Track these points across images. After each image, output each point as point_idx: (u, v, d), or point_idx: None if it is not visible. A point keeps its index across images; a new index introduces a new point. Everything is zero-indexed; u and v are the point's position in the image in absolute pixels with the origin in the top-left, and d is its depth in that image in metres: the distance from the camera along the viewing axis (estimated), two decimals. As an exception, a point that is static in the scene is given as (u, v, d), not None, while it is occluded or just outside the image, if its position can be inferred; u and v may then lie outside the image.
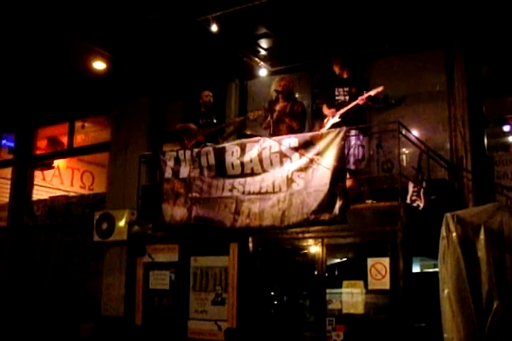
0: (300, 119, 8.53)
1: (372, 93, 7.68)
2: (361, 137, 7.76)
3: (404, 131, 7.54)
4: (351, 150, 7.67)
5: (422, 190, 7.37)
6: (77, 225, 11.86)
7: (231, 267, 8.10)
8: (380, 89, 7.65)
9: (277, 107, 8.53)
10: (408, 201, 7.25)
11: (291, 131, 8.23)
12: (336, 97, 8.16)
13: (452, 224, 6.66)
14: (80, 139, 13.00)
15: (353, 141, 7.70)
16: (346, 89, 8.12)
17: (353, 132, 7.63)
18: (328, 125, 7.97)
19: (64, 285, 11.66)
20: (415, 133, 8.21)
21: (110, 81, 10.76)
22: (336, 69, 8.32)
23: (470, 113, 8.18)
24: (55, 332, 10.94)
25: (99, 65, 10.02)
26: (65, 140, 13.19)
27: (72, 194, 13.38)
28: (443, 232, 6.67)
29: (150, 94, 11.39)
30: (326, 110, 8.22)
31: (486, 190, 7.97)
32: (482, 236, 6.67)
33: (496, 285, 6.51)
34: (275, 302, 8.26)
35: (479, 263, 6.59)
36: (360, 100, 7.70)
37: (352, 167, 7.69)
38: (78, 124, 12.98)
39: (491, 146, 8.48)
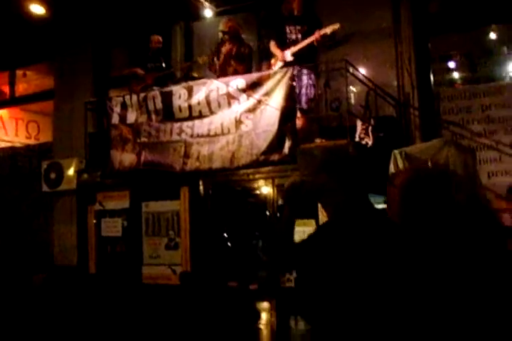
0: (246, 62, 8.40)
1: (328, 30, 7.48)
2: (312, 76, 7.67)
3: (351, 69, 7.50)
4: (303, 90, 7.58)
5: (370, 128, 7.41)
6: (24, 176, 11.63)
7: (183, 211, 8.10)
8: (336, 26, 7.45)
9: (223, 50, 8.37)
10: (357, 139, 7.28)
11: (237, 74, 8.11)
12: (288, 35, 7.97)
13: (400, 160, 6.73)
14: (22, 88, 12.61)
15: (304, 80, 7.61)
16: (298, 27, 7.91)
17: (304, 71, 7.55)
18: (279, 64, 7.84)
19: (15, 237, 11.51)
20: (362, 71, 8.19)
21: (51, 27, 10.37)
22: (288, 5, 8.04)
23: (416, 50, 8.17)
24: (7, 283, 10.84)
25: (37, 9, 9.64)
26: (6, 89, 12.78)
27: (17, 145, 13.05)
28: (391, 168, 6.74)
29: (93, 39, 11.04)
30: (274, 48, 8.02)
31: (433, 126, 8.07)
32: (429, 171, 6.77)
33: (442, 218, 6.65)
34: (228, 244, 8.31)
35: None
36: (315, 37, 7.53)
37: (304, 106, 7.62)
38: (19, 72, 12.57)
39: (437, 82, 8.54)
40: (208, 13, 9.60)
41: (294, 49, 7.68)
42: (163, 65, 9.41)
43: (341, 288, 2.13)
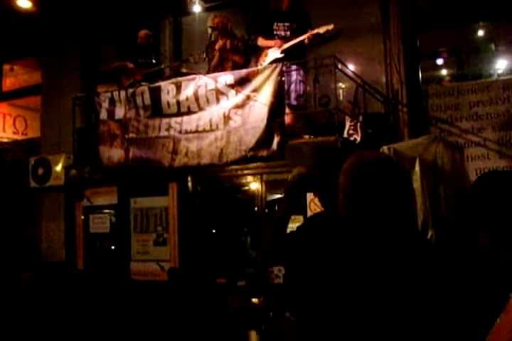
0: (243, 54, 8.38)
1: (321, 30, 7.51)
2: (302, 72, 7.69)
3: (340, 66, 7.49)
4: (292, 86, 7.61)
5: (358, 124, 7.42)
6: (12, 172, 11.56)
7: (171, 207, 8.08)
8: (330, 27, 7.49)
9: (217, 46, 8.35)
10: (345, 135, 7.29)
11: (236, 66, 8.09)
12: (276, 32, 7.96)
13: (388, 156, 6.74)
14: (9, 83, 12.52)
15: (294, 76, 7.63)
16: (287, 24, 7.92)
17: (293, 67, 7.56)
18: (268, 60, 7.83)
19: (3, 233, 11.44)
20: (351, 67, 8.18)
21: (38, 21, 10.31)
22: (277, 1, 8.03)
23: (405, 46, 8.18)
24: (-4, 280, 10.81)
25: (24, 3, 9.62)
26: (-7, 84, 12.70)
27: (5, 140, 12.96)
28: (379, 165, 6.73)
29: (82, 33, 10.96)
30: (264, 41, 7.98)
31: (421, 123, 8.08)
32: (417, 168, 6.81)
33: (430, 214, 6.68)
34: (217, 240, 8.30)
35: (415, 194, 6.74)
36: (307, 36, 7.55)
37: (294, 102, 7.64)
38: (6, 67, 12.48)
39: (425, 79, 8.55)
40: (197, 8, 9.56)
41: (285, 46, 7.68)
42: (154, 61, 9.37)
43: (329, 281, 2.09)
